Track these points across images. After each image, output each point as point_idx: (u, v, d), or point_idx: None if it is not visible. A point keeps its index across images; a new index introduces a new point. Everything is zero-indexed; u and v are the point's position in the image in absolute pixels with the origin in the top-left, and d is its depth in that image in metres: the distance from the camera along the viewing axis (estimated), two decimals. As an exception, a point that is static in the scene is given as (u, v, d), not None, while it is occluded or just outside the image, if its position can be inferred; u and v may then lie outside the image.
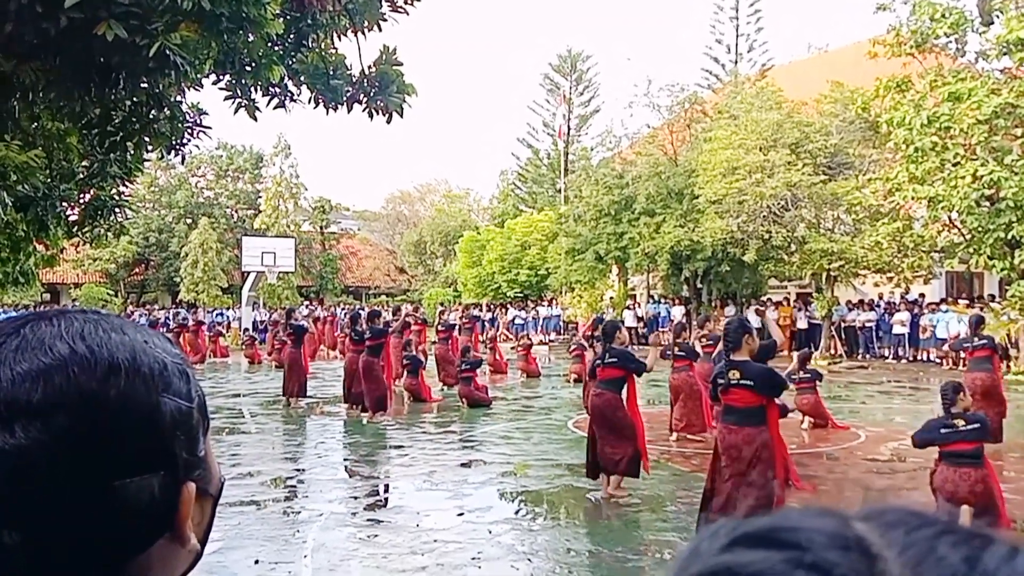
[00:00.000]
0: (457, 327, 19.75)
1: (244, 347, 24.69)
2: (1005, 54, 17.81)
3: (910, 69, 19.25)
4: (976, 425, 6.70)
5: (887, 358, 22.04)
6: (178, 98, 5.61)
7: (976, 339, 10.60)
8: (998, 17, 17.70)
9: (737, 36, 37.08)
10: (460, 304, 34.99)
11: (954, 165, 17.72)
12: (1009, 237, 17.31)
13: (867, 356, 22.45)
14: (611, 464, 7.50)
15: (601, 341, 8.01)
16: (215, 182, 43.73)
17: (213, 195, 43.54)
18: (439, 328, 18.35)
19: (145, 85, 4.56)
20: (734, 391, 5.71)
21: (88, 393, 0.69)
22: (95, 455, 0.68)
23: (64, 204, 8.18)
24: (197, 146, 6.99)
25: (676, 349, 11.21)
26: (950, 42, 19.07)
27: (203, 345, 23.90)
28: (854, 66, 22.91)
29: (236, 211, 43.42)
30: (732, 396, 5.76)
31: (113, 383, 0.70)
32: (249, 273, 30.67)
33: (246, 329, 26.44)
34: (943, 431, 6.89)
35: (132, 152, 5.66)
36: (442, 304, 33.66)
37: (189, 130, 6.18)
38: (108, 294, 35.70)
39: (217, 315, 32.19)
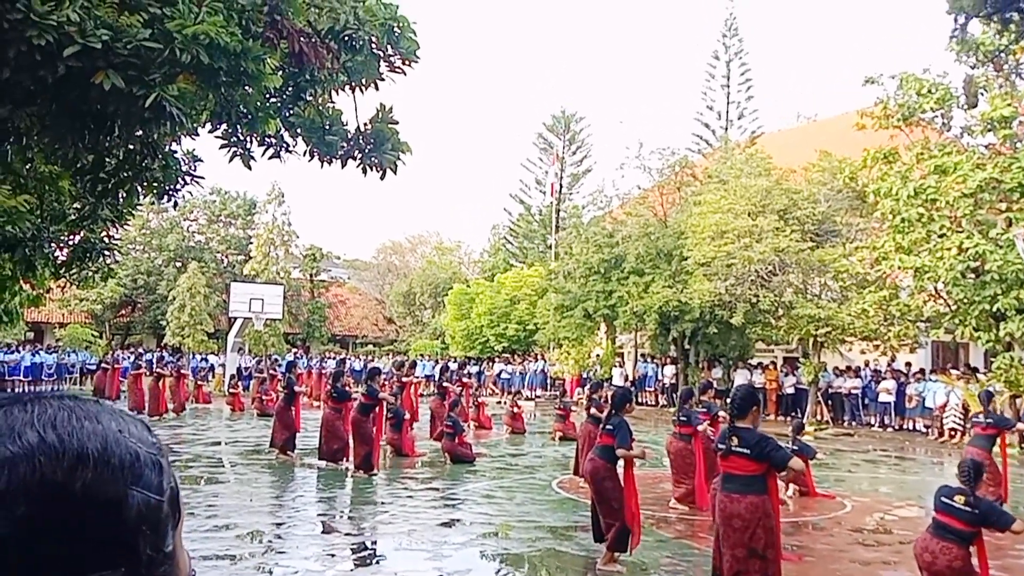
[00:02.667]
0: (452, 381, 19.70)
1: (227, 394, 24.40)
2: (990, 131, 18.22)
3: (897, 141, 19.63)
4: (975, 511, 6.60)
5: (873, 426, 21.97)
6: (172, 146, 5.63)
7: (983, 416, 10.63)
8: (983, 95, 18.12)
9: (728, 103, 37.77)
10: (447, 356, 34.85)
11: (940, 236, 17.95)
12: (994, 309, 17.44)
13: (853, 423, 22.37)
14: (605, 533, 7.34)
15: (609, 407, 7.86)
16: (207, 227, 43.75)
17: (204, 239, 43.51)
18: (439, 383, 18.17)
19: (140, 134, 4.57)
20: (733, 458, 5.63)
21: (52, 484, 0.67)
22: (54, 548, 0.66)
23: (52, 245, 8.15)
24: (190, 192, 7.01)
25: (680, 415, 11.02)
26: (936, 117, 19.49)
27: (184, 394, 23.58)
28: (842, 136, 23.32)
29: (226, 256, 43.36)
30: (731, 463, 5.66)
31: (80, 475, 0.68)
32: (236, 319, 30.49)
33: (232, 376, 26.14)
34: (942, 499, 6.82)
35: (124, 198, 5.65)
36: (451, 358, 33.42)
37: (182, 178, 6.19)
38: (92, 335, 35.38)
39: (201, 360, 31.88)
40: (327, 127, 5.35)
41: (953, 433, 19.18)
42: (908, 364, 22.44)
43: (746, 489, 5.55)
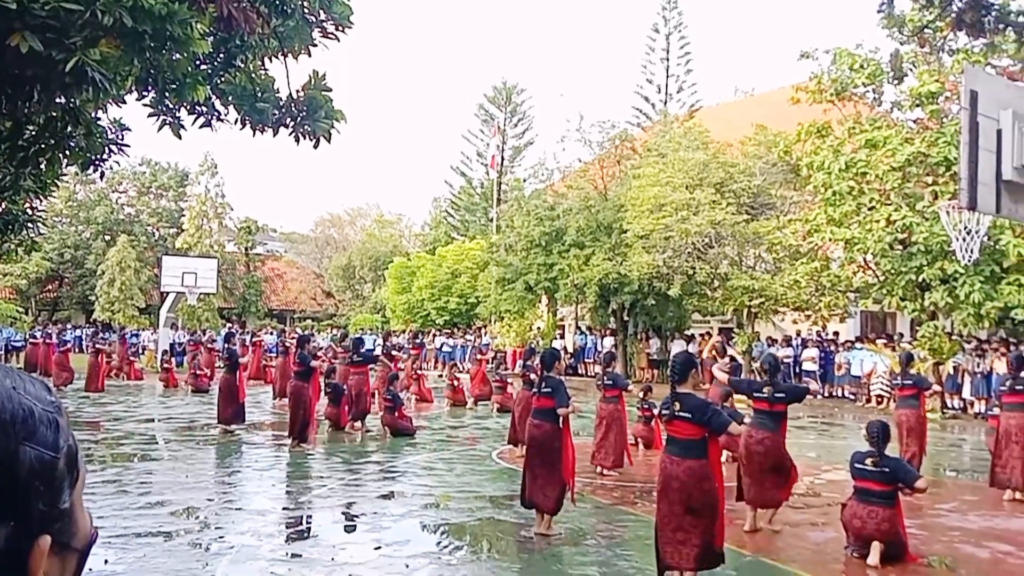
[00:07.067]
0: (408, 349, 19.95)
1: (160, 370, 23.88)
2: (918, 106, 18.75)
3: (830, 115, 20.07)
4: (885, 470, 6.89)
5: (804, 393, 22.57)
6: (97, 114, 5.43)
7: (902, 378, 10.95)
8: (911, 70, 18.61)
9: (667, 77, 38.06)
10: (405, 330, 34.61)
11: (869, 209, 18.48)
12: (920, 280, 18.09)
13: (785, 391, 22.97)
14: (540, 501, 7.43)
15: (539, 369, 7.95)
16: (137, 199, 42.54)
17: (134, 212, 42.32)
18: (386, 351, 17.88)
19: (61, 100, 4.40)
20: (676, 423, 5.80)
21: None
22: None
23: (-29, 218, 7.82)
24: (118, 162, 6.78)
25: (605, 379, 11.27)
26: (868, 91, 19.97)
27: (125, 359, 23.41)
28: (778, 110, 23.74)
29: (157, 229, 42.25)
30: (674, 427, 5.84)
31: None
32: (168, 293, 29.79)
33: (165, 352, 25.57)
34: (856, 465, 7.11)
35: (45, 167, 5.44)
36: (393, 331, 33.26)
37: (108, 147, 5.98)
38: (17, 311, 34.17)
39: (132, 336, 31.09)
40: (258, 94, 5.22)
41: (880, 399, 19.90)
42: (836, 333, 23.17)
43: (686, 453, 5.73)
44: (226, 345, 15.97)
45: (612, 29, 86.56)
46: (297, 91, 5.16)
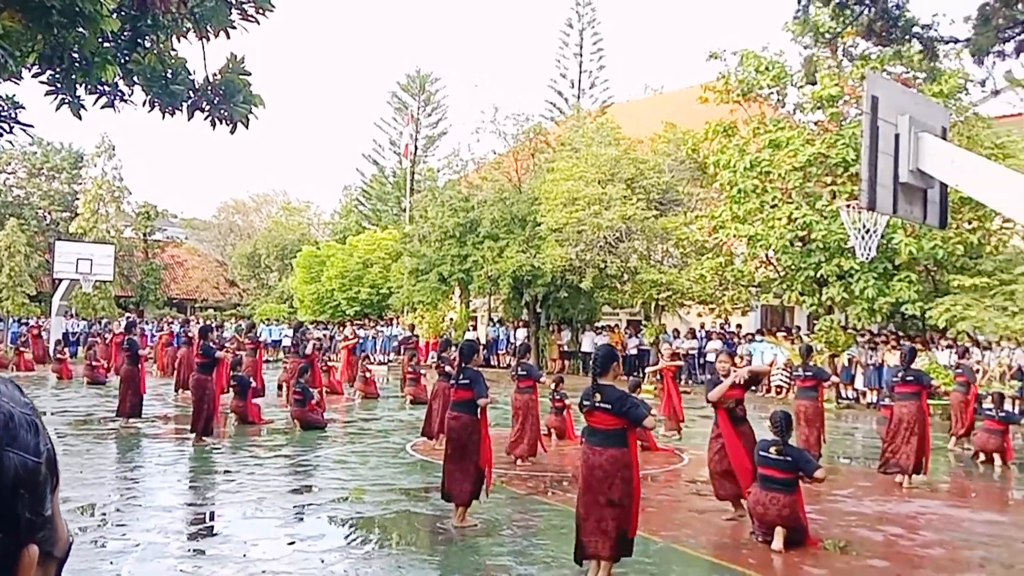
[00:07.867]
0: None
1: (54, 361, 22.77)
2: (819, 108, 19.57)
3: (736, 115, 20.72)
4: (788, 459, 7.21)
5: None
6: (-7, 91, 5.10)
7: (803, 369, 11.42)
8: (817, 73, 19.40)
9: (580, 72, 38.50)
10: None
11: (772, 207, 19.19)
12: (818, 275, 18.90)
13: (690, 382, 23.66)
14: (456, 492, 7.45)
15: (457, 361, 7.97)
16: (27, 180, 40.30)
17: (24, 194, 40.09)
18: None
19: (-44, 74, 4.12)
20: (596, 413, 5.91)
21: None
22: None
23: None
24: (10, 142, 6.40)
25: (519, 370, 11.37)
26: (772, 93, 20.72)
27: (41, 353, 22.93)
28: (686, 109, 24.35)
29: (49, 213, 40.16)
30: (594, 418, 5.95)
31: None
32: (61, 280, 28.37)
33: (58, 341, 24.36)
34: (760, 453, 7.40)
35: (-66, 146, 5.11)
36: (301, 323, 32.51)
37: (5, 123, 5.63)
38: None
39: (21, 325, 29.54)
40: (170, 76, 5.01)
41: (780, 390, 20.70)
42: (739, 326, 23.98)
43: (607, 443, 5.85)
44: (126, 336, 15.32)
45: (527, 22, 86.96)
46: (213, 74, 4.97)
